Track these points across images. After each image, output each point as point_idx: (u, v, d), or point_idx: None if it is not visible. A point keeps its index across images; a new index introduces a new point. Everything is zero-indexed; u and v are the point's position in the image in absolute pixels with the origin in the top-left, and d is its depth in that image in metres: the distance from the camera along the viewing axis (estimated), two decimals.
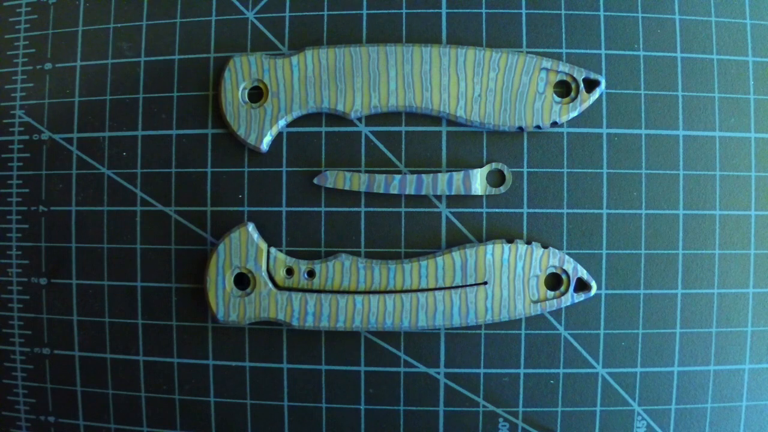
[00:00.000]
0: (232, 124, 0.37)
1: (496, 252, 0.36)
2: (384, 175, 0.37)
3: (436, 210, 0.37)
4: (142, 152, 0.38)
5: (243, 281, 0.37)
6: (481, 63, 0.36)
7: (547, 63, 0.36)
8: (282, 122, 0.37)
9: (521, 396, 0.37)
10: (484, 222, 0.37)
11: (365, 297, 0.36)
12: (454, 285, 0.36)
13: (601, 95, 0.37)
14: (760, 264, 0.37)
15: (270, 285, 0.36)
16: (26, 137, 0.39)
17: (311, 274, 0.37)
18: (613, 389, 0.37)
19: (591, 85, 0.37)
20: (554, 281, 0.37)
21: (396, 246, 0.37)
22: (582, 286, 0.37)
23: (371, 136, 0.37)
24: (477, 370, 0.37)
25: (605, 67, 0.37)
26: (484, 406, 0.37)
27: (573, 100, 0.36)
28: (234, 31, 0.38)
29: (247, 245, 0.36)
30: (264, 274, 0.36)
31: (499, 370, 0.37)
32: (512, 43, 0.37)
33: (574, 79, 0.36)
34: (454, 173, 0.37)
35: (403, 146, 0.37)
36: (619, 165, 0.37)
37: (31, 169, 0.39)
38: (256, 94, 0.37)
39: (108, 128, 0.39)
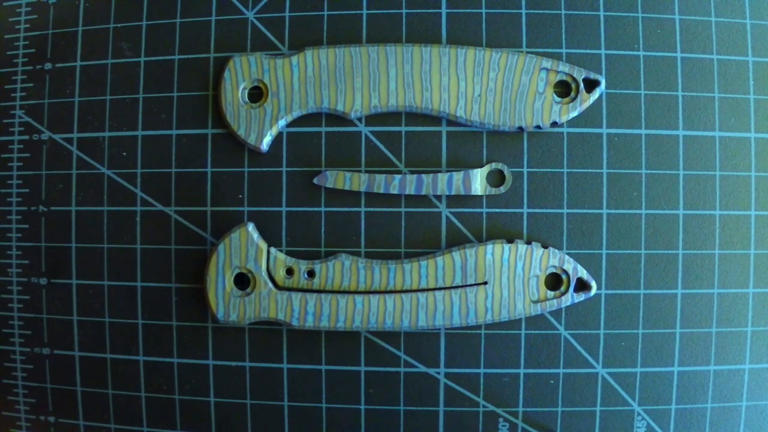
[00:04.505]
0: (232, 124, 0.37)
1: (496, 252, 0.36)
2: (384, 175, 0.37)
3: (436, 210, 0.37)
4: (142, 152, 0.38)
5: (243, 281, 0.37)
6: (481, 63, 0.36)
7: (547, 63, 0.36)
8: (282, 122, 0.37)
9: (521, 396, 0.37)
10: (484, 222, 0.37)
11: (365, 297, 0.36)
12: (454, 285, 0.36)
13: (601, 95, 0.37)
14: (760, 264, 0.37)
15: (270, 285, 0.36)
16: (26, 137, 0.39)
17: (311, 274, 0.37)
18: (613, 389, 0.37)
19: (591, 85, 0.37)
20: (554, 281, 0.37)
21: (396, 246, 0.37)
22: (582, 286, 0.37)
23: (371, 136, 0.37)
24: (477, 370, 0.37)
25: (605, 67, 0.37)
26: (484, 406, 0.37)
27: (573, 100, 0.36)
28: (234, 31, 0.38)
29: (247, 245, 0.36)
30: (264, 274, 0.36)
31: (499, 370, 0.37)
32: (512, 43, 0.37)
33: (574, 79, 0.36)
34: (454, 173, 0.37)
35: (403, 146, 0.37)
36: (619, 165, 0.37)
37: (31, 169, 0.39)
38: (256, 94, 0.37)
39: (108, 128, 0.39)
